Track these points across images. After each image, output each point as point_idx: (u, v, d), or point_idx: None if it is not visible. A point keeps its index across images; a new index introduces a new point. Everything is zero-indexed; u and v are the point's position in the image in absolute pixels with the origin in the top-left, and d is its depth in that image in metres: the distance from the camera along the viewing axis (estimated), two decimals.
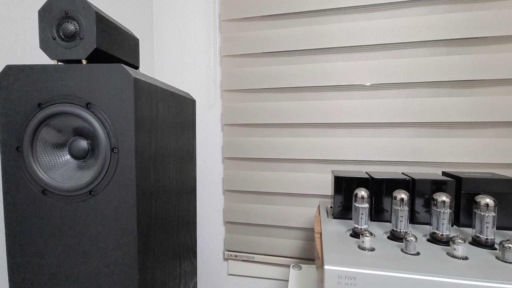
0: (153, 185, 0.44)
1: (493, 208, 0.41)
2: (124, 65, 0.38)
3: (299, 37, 0.73)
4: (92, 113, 0.37)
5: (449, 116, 0.66)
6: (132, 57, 0.50)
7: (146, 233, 0.42)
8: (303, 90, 0.75)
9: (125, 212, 0.38)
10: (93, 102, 0.38)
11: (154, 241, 0.45)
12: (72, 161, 0.39)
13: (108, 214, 0.39)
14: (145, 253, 0.42)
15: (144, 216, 0.41)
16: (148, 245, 0.43)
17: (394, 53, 0.69)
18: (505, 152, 0.64)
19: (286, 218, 0.76)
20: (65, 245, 0.39)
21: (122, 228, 0.39)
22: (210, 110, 0.83)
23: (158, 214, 0.47)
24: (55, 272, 0.40)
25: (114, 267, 0.39)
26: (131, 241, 0.39)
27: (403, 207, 0.44)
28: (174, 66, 0.85)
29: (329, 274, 0.37)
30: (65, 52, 0.40)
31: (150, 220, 0.43)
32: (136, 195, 0.38)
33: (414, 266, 0.36)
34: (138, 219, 0.39)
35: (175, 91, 0.55)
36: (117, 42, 0.45)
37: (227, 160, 0.80)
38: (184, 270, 0.59)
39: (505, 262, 0.37)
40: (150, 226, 0.44)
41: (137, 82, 0.38)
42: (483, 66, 0.64)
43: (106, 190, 0.38)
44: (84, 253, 0.39)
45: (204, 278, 0.84)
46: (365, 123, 0.71)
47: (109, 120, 0.38)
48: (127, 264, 0.39)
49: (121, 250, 0.39)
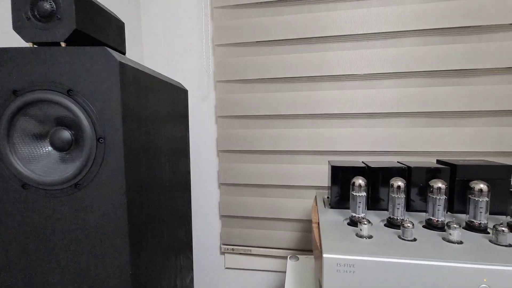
0: (144, 177, 0.42)
1: (486, 193, 0.42)
2: (109, 49, 0.35)
3: (294, 26, 0.71)
4: (75, 100, 0.35)
5: (442, 105, 0.66)
6: (117, 42, 0.46)
7: (138, 228, 0.40)
8: (298, 80, 0.73)
9: (115, 206, 0.36)
10: (75, 88, 0.35)
11: (147, 236, 0.43)
12: (54, 153, 0.36)
13: (96, 208, 0.36)
14: (138, 248, 0.40)
15: (136, 210, 0.39)
16: (140, 240, 0.41)
17: (388, 42, 0.68)
18: (496, 140, 0.65)
19: (282, 210, 0.75)
20: (50, 242, 0.37)
21: (112, 223, 0.37)
22: (203, 102, 0.80)
23: (151, 208, 0.45)
24: (41, 271, 0.37)
25: (105, 264, 0.37)
26: (123, 237, 0.37)
27: (400, 195, 0.44)
28: (164, 55, 0.81)
29: (328, 263, 0.37)
30: (41, 34, 0.36)
31: (142, 214, 0.41)
32: (126, 188, 0.36)
33: (411, 252, 0.37)
34: (129, 213, 0.37)
35: (165, 79, 0.53)
36: (99, 24, 0.41)
37: (221, 153, 0.78)
38: (179, 265, 0.58)
39: (499, 245, 0.38)
40: (143, 221, 0.42)
41: (123, 67, 0.36)
42: (475, 56, 0.64)
43: (94, 183, 0.36)
44: (73, 251, 0.37)
45: (201, 273, 0.83)
46: (360, 113, 0.71)
47: (94, 108, 0.35)
48: (119, 260, 0.37)
49: (112, 246, 0.37)
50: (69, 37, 0.37)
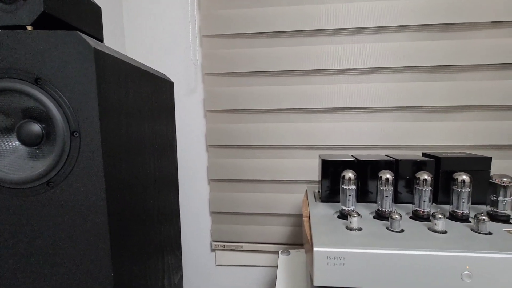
0: (126, 174, 0.40)
1: (469, 184, 0.43)
2: (81, 33, 0.32)
3: (284, 18, 0.69)
4: (44, 90, 0.31)
5: (428, 100, 0.68)
6: (93, 28, 0.43)
7: (120, 228, 0.38)
8: (289, 74, 0.72)
9: (93, 205, 0.34)
10: (44, 77, 0.32)
11: (130, 236, 0.41)
12: (22, 148, 0.33)
13: (72, 208, 0.34)
14: (121, 248, 0.38)
15: (117, 209, 0.37)
16: (123, 240, 0.39)
17: (378, 37, 0.69)
18: (478, 134, 0.68)
19: (273, 205, 0.75)
20: (19, 246, 0.34)
21: (90, 223, 0.34)
22: (191, 95, 0.77)
23: (135, 207, 0.43)
24: (9, 277, 0.34)
25: (85, 266, 0.35)
26: (102, 237, 0.34)
27: (388, 187, 0.45)
28: (148, 45, 0.77)
29: (318, 256, 0.37)
30: (4, 17, 0.33)
31: (124, 213, 0.39)
32: (106, 186, 0.34)
33: (399, 243, 0.37)
34: (110, 212, 0.35)
35: (149, 70, 0.50)
36: (72, 7, 0.38)
37: (211, 148, 0.76)
38: (167, 264, 0.56)
39: (479, 233, 0.39)
40: (125, 220, 0.39)
41: (99, 54, 0.33)
42: (459, 52, 0.66)
43: (68, 180, 0.33)
44: (46, 255, 0.34)
45: (192, 271, 0.82)
46: (350, 107, 0.71)
47: (66, 98, 0.32)
48: (99, 262, 0.35)
49: (91, 248, 0.35)
50: (37, 21, 0.33)
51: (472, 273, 0.35)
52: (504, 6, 0.63)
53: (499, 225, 0.42)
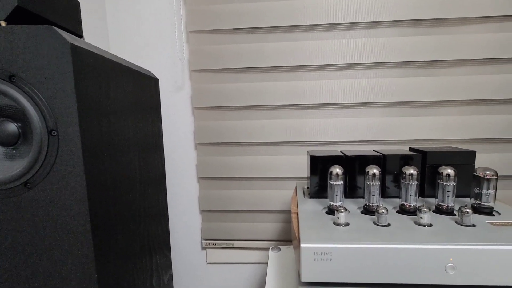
0: (109, 173, 0.39)
1: (453, 177, 0.44)
2: (58, 29, 0.31)
3: (273, 13, 0.69)
4: (19, 88, 0.30)
5: (415, 95, 0.69)
6: (71, 23, 0.41)
7: (103, 228, 0.37)
8: (277, 70, 0.72)
9: (74, 206, 0.33)
10: (19, 74, 0.30)
11: (115, 236, 0.40)
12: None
13: (51, 209, 0.33)
14: (105, 249, 0.37)
15: (100, 210, 0.36)
16: (107, 241, 0.38)
17: (366, 33, 0.69)
18: (464, 128, 0.69)
19: (264, 202, 0.75)
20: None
21: (71, 224, 0.33)
22: (178, 92, 0.76)
23: (119, 207, 0.42)
24: None
25: (67, 268, 0.34)
26: (85, 238, 0.34)
27: (375, 182, 0.45)
28: (133, 42, 0.75)
29: (305, 252, 0.37)
30: None
31: (108, 214, 0.38)
32: (87, 186, 0.33)
33: (385, 237, 0.38)
34: (92, 212, 0.34)
35: (132, 66, 0.49)
36: (48, 1, 0.36)
37: (199, 145, 0.76)
38: (156, 263, 0.55)
39: (463, 225, 0.40)
40: (109, 220, 0.38)
41: (76, 50, 0.32)
42: (444, 47, 0.67)
43: (47, 181, 0.32)
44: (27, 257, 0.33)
45: (182, 270, 0.81)
46: (338, 103, 0.71)
47: (43, 96, 0.31)
48: (82, 264, 0.34)
49: (73, 250, 0.34)
50: (11, 15, 0.32)
51: (455, 265, 0.35)
52: (487, 2, 0.64)
53: (483, 217, 0.43)
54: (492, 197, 0.44)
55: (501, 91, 0.67)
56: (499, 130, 0.68)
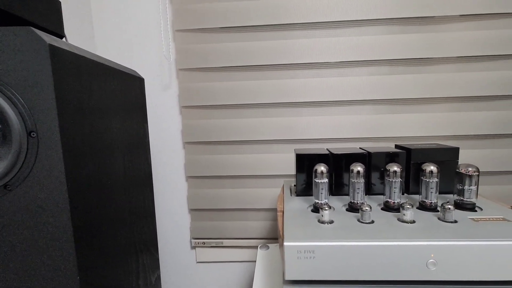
0: (92, 174, 0.38)
1: (436, 174, 0.44)
2: (36, 29, 0.30)
3: (260, 11, 0.68)
4: None
5: (402, 93, 0.69)
6: (51, 23, 0.40)
7: (86, 230, 0.36)
8: (264, 68, 0.71)
9: (55, 208, 0.32)
10: None
11: (99, 237, 0.39)
12: None
13: (32, 211, 0.32)
14: (88, 251, 0.36)
15: (82, 211, 0.35)
16: (90, 243, 0.37)
17: (351, 31, 0.68)
18: (449, 125, 0.70)
19: (253, 200, 0.74)
20: None
21: (52, 226, 0.32)
22: (165, 91, 0.75)
23: (103, 208, 0.41)
24: None
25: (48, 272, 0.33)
26: (66, 241, 0.33)
27: (359, 179, 0.45)
28: (118, 41, 0.73)
29: (289, 250, 0.37)
30: None
31: (91, 215, 0.37)
32: (68, 188, 0.32)
33: (368, 234, 0.38)
34: (73, 214, 0.33)
35: (115, 66, 0.47)
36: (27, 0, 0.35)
37: (187, 145, 0.75)
38: (142, 264, 0.55)
39: (445, 221, 0.40)
40: (92, 221, 0.38)
41: (55, 50, 0.31)
42: (430, 45, 0.67)
43: (27, 183, 0.31)
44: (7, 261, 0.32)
45: (172, 269, 0.81)
46: (326, 101, 0.71)
47: (21, 97, 0.30)
48: (64, 267, 0.33)
49: (54, 252, 0.33)
50: None
51: (436, 261, 0.36)
52: (471, 0, 0.65)
53: (465, 213, 0.43)
54: (474, 193, 0.44)
55: (486, 88, 0.68)
56: (483, 127, 0.69)
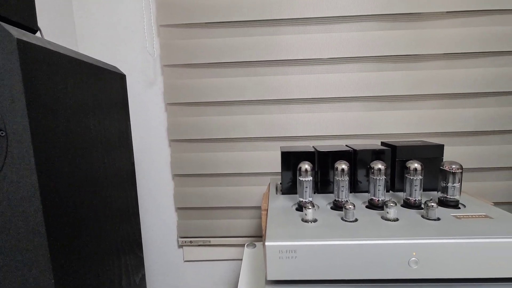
0: (67, 175, 0.36)
1: (420, 172, 0.43)
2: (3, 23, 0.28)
3: (246, 6, 0.66)
4: None
5: (389, 90, 0.69)
6: (23, 16, 0.37)
7: (61, 232, 0.34)
8: (251, 64, 0.69)
9: (27, 210, 0.30)
10: None
11: (76, 238, 0.38)
12: None
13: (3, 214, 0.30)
14: (64, 254, 0.35)
15: (57, 213, 0.34)
16: (67, 245, 0.35)
17: (338, 27, 0.67)
18: (436, 122, 0.70)
19: (240, 198, 0.74)
20: None
21: (25, 229, 0.31)
22: (150, 88, 0.72)
23: (80, 209, 0.39)
24: None
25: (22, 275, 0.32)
26: (40, 245, 0.31)
27: (343, 177, 0.44)
28: (101, 37, 0.70)
29: (270, 250, 0.36)
30: None
31: (67, 216, 0.36)
32: (40, 188, 0.30)
33: (350, 233, 0.37)
34: (47, 215, 0.32)
35: (94, 62, 0.45)
36: None
37: (173, 142, 0.73)
38: (125, 264, 0.53)
39: (428, 219, 0.40)
40: (68, 223, 0.36)
41: (25, 45, 0.29)
42: (418, 42, 0.66)
43: None
44: None
45: (159, 268, 0.80)
46: (312, 98, 0.70)
47: None
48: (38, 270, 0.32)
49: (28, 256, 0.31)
50: None
51: (418, 259, 0.35)
52: None
53: (449, 210, 0.43)
54: (458, 190, 0.44)
55: (472, 85, 0.68)
56: (469, 124, 0.69)
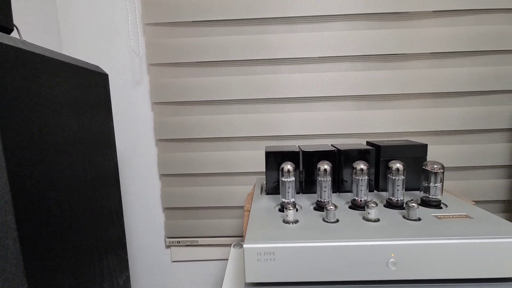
0: (42, 177, 0.35)
1: (402, 171, 0.43)
2: None
3: (232, 5, 0.65)
4: None
5: (375, 89, 0.68)
6: None
7: (36, 237, 0.33)
8: (237, 63, 0.68)
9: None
10: None
11: (52, 241, 0.37)
12: None
13: None
14: (38, 259, 0.34)
15: (31, 217, 0.33)
16: (42, 250, 0.35)
17: (323, 26, 0.67)
18: (421, 121, 0.70)
19: (227, 198, 0.73)
20: None
21: None
22: (136, 87, 0.71)
23: (57, 212, 0.38)
24: None
25: None
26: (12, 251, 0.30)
27: (326, 178, 0.44)
28: (86, 36, 0.69)
29: (248, 252, 0.36)
30: None
31: (41, 220, 0.35)
32: (11, 191, 0.29)
33: (330, 234, 0.37)
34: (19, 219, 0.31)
35: (73, 62, 0.44)
36: None
37: (160, 142, 0.72)
38: (107, 266, 0.53)
39: (409, 219, 0.40)
40: (43, 228, 0.35)
41: None
42: (404, 41, 0.66)
43: None
44: None
45: (146, 269, 0.79)
46: (298, 97, 0.69)
47: None
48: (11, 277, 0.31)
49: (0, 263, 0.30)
50: None
51: (397, 261, 0.35)
52: None
53: (430, 210, 0.43)
54: (440, 190, 0.44)
55: (458, 84, 0.68)
56: (455, 123, 0.69)
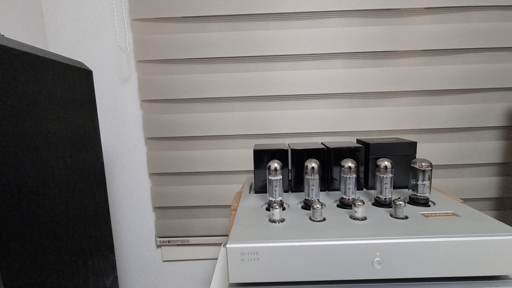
0: (17, 179, 0.34)
1: (390, 169, 0.43)
2: None
3: (223, 1, 0.63)
4: None
5: (364, 86, 0.68)
6: None
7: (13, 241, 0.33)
8: (227, 60, 0.67)
9: None
10: None
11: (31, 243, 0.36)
12: None
13: None
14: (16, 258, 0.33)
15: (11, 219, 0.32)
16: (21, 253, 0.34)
17: (313, 23, 0.66)
18: (410, 118, 0.69)
19: (218, 197, 0.73)
20: None
21: None
22: (124, 85, 0.70)
23: (36, 212, 0.37)
24: None
25: None
26: None
27: (314, 176, 0.43)
28: (71, 32, 0.67)
29: (232, 252, 0.35)
30: None
31: (19, 220, 0.34)
32: None
33: (316, 233, 0.36)
34: None
35: (54, 58, 0.43)
36: None
37: (149, 140, 0.71)
38: (93, 267, 0.52)
39: (396, 218, 0.40)
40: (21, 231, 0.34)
41: None
42: (394, 38, 0.65)
43: None
44: None
45: (137, 269, 0.79)
46: (288, 95, 0.69)
47: None
48: None
49: None
50: None
51: (382, 259, 0.35)
52: None
53: (418, 208, 0.43)
54: (428, 188, 0.44)
55: (449, 82, 0.67)
56: (445, 121, 0.69)
